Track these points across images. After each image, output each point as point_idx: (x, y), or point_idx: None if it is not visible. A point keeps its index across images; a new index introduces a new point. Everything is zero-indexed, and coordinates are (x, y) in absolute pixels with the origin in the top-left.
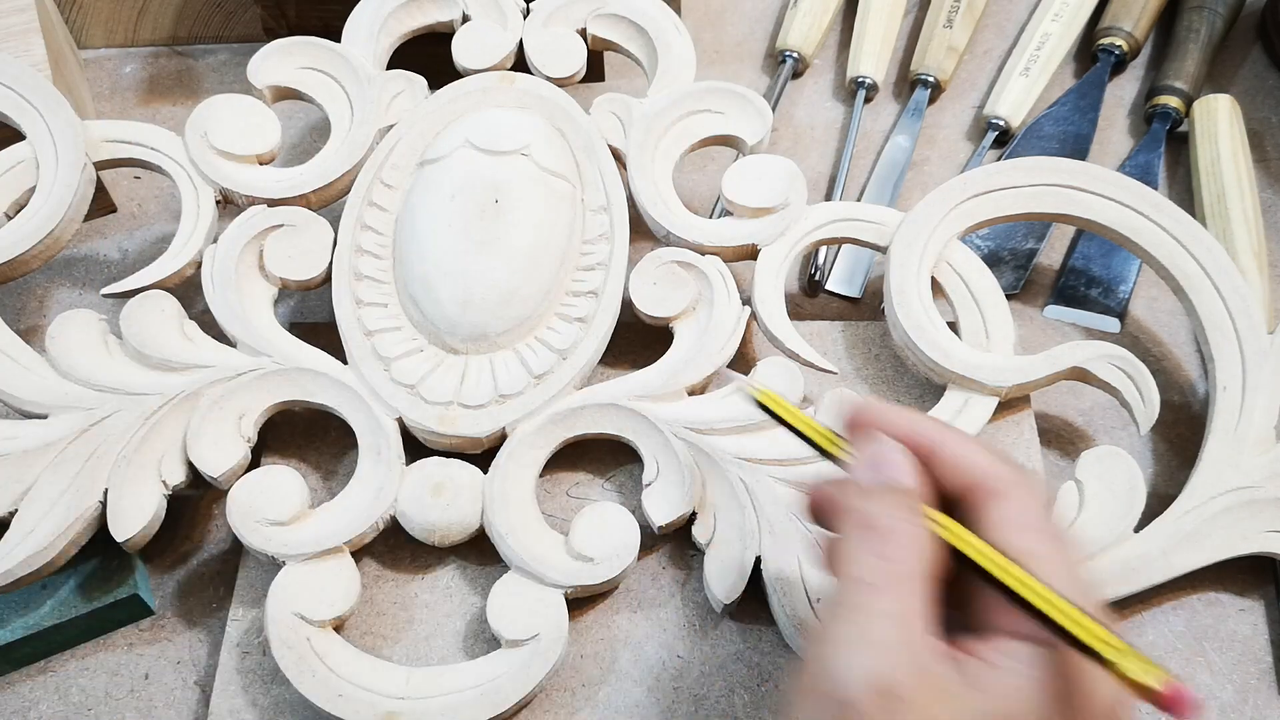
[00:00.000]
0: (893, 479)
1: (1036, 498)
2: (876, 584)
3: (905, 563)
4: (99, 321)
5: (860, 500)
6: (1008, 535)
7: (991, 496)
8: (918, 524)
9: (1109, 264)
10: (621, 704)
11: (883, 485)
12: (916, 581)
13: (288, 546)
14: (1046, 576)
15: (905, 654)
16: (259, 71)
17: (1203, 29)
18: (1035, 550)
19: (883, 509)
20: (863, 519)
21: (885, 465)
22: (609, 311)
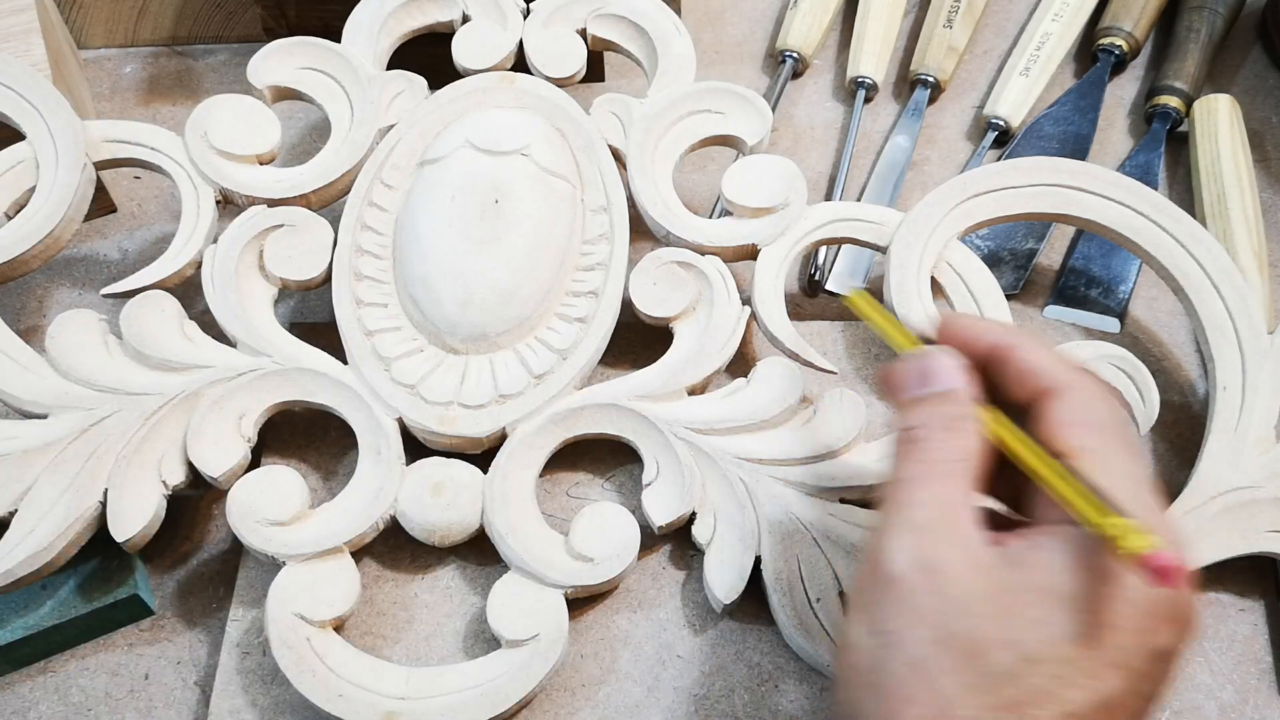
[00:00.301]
0: (935, 387)
1: (1093, 396)
2: (914, 479)
3: (942, 461)
4: (99, 321)
5: (904, 413)
6: (1058, 430)
7: (1049, 395)
8: (955, 425)
9: (1109, 264)
10: (621, 704)
11: (924, 395)
12: (955, 475)
13: (288, 546)
14: (1090, 468)
15: (945, 533)
16: (259, 71)
17: (1203, 29)
18: (1084, 444)
19: (921, 418)
20: (904, 431)
21: (928, 375)
22: (609, 311)
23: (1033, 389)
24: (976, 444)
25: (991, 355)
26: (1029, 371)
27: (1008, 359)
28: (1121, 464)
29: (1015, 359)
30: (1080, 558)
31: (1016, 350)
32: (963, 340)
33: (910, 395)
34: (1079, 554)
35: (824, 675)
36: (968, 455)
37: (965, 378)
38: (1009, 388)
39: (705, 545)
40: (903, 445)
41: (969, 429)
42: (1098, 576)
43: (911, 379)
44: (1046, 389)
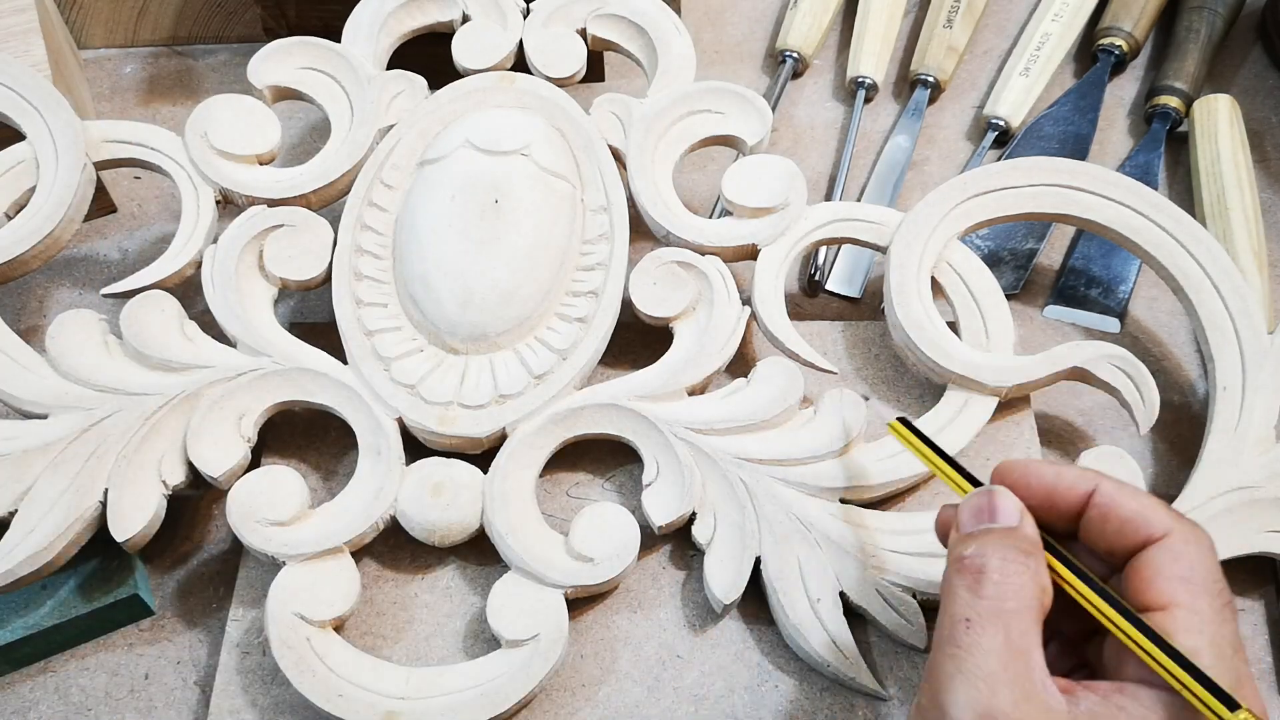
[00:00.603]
0: (998, 523)
1: (1197, 547)
2: (975, 620)
3: (1005, 599)
4: (99, 321)
5: (961, 544)
6: (1152, 581)
7: (1147, 543)
8: (1023, 561)
9: (1109, 264)
10: (621, 704)
11: (982, 529)
12: (1020, 616)
13: (288, 546)
14: (1183, 628)
15: (1008, 685)
16: (259, 71)
17: (1203, 29)
18: (1177, 599)
19: (979, 549)
20: (959, 560)
21: (988, 510)
22: (609, 311)
23: (1127, 538)
24: (1044, 585)
25: (1078, 503)
26: (1121, 519)
27: (1094, 505)
28: (1219, 628)
29: (1102, 505)
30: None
31: (1103, 496)
32: (1038, 488)
33: (971, 529)
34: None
35: (823, 675)
36: (1038, 595)
37: (1029, 518)
38: (1098, 538)
39: (705, 545)
40: (964, 577)
41: (1038, 567)
42: None
43: (971, 514)
44: (1143, 538)
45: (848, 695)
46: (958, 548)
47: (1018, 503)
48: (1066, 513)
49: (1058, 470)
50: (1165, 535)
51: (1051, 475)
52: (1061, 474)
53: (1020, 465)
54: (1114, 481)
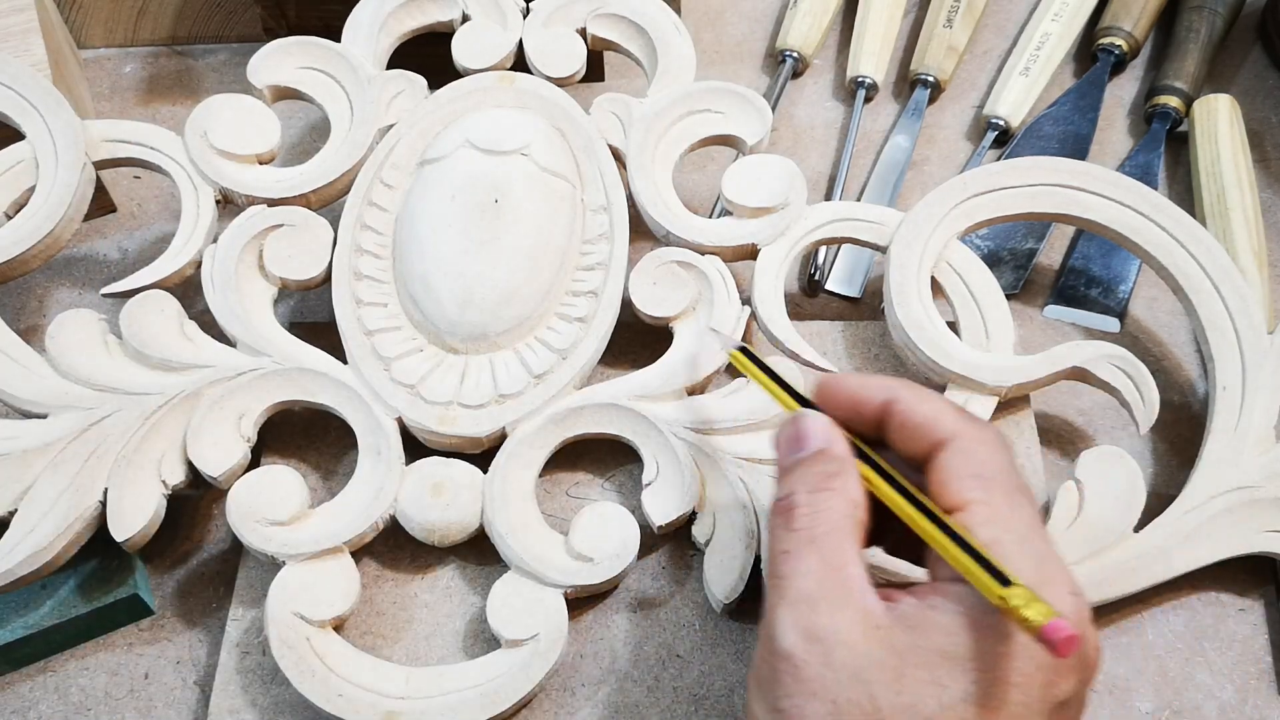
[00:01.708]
0: (806, 450)
1: (982, 444)
2: (790, 550)
3: (816, 526)
4: (99, 321)
5: (779, 482)
6: (947, 484)
7: (939, 446)
8: (827, 484)
9: (1109, 264)
10: (621, 704)
11: (797, 459)
12: (834, 536)
13: (288, 546)
14: (982, 521)
15: (830, 601)
16: (259, 71)
17: (1203, 29)
18: (974, 496)
19: (789, 486)
20: (775, 502)
21: (800, 438)
22: (609, 311)
23: (922, 443)
24: (854, 500)
25: (867, 408)
26: (914, 425)
27: (892, 413)
28: (1015, 515)
29: (899, 413)
30: (975, 616)
31: (899, 404)
32: (844, 401)
33: (785, 462)
34: (974, 612)
35: None
36: (846, 514)
37: (836, 434)
38: (900, 444)
39: (705, 545)
40: (778, 516)
41: (845, 485)
42: (993, 635)
43: (785, 445)
44: (935, 441)
45: None
46: (777, 488)
47: (824, 423)
48: (872, 421)
49: (861, 380)
50: (954, 437)
51: (856, 385)
52: (865, 384)
53: (831, 379)
54: (912, 389)
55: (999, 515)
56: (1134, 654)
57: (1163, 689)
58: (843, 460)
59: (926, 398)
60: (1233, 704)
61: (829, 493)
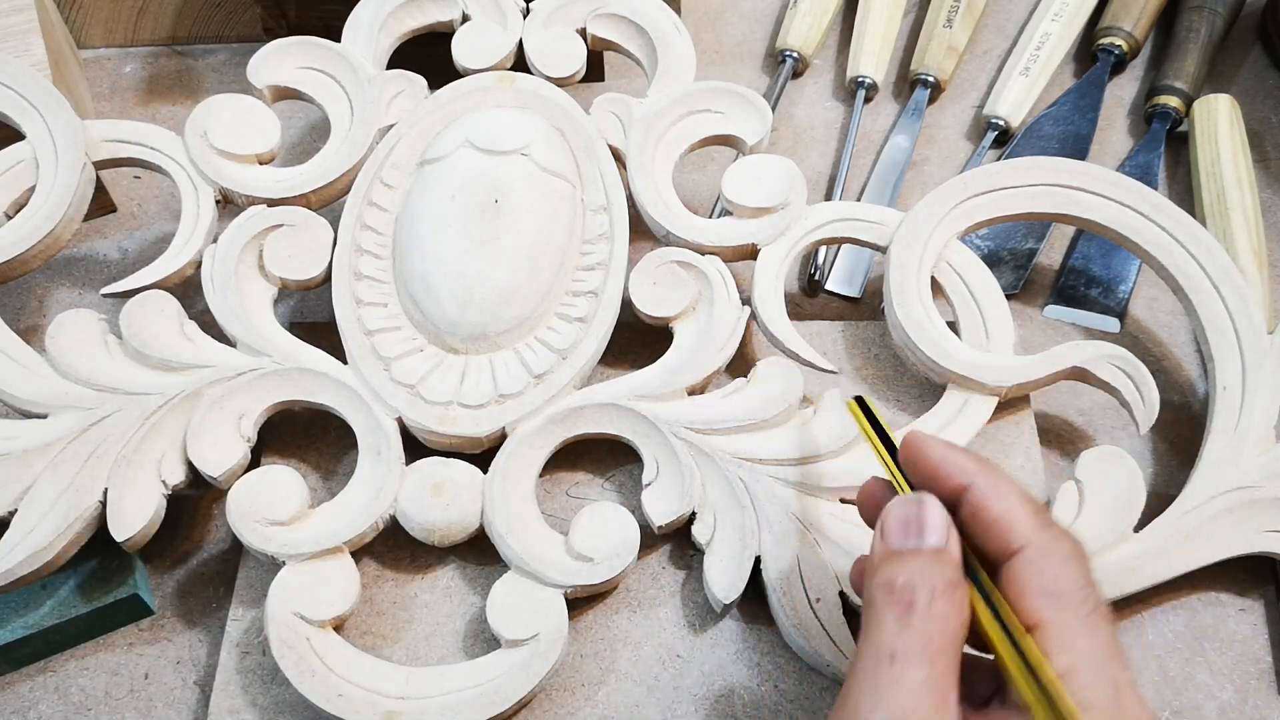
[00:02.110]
0: (926, 542)
1: (1058, 557)
2: (899, 654)
3: (931, 637)
4: (99, 321)
5: (888, 564)
6: (1019, 597)
7: (1011, 553)
8: (950, 594)
9: (1109, 264)
10: (621, 704)
11: (913, 548)
12: (944, 655)
13: (288, 546)
14: (1054, 646)
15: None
16: (259, 71)
17: (1203, 29)
18: (1043, 616)
19: (912, 575)
20: (889, 584)
21: (916, 524)
22: (609, 311)
23: (993, 542)
24: (966, 620)
25: (955, 493)
26: (987, 522)
27: (965, 501)
28: (1090, 640)
29: (973, 503)
30: None
31: (975, 493)
32: (925, 468)
33: (898, 545)
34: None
35: (824, 675)
36: (958, 634)
37: (955, 536)
38: (971, 535)
39: (705, 545)
40: (893, 607)
41: (963, 601)
42: None
43: (899, 526)
44: (1006, 546)
45: None
46: (886, 568)
47: (946, 518)
48: (946, 497)
49: (944, 453)
50: (1023, 547)
51: (939, 456)
52: (946, 458)
53: (917, 441)
54: (989, 478)
55: (1074, 640)
56: (1134, 654)
57: (1163, 689)
58: (959, 569)
59: (1002, 493)
60: (1233, 704)
61: (950, 605)
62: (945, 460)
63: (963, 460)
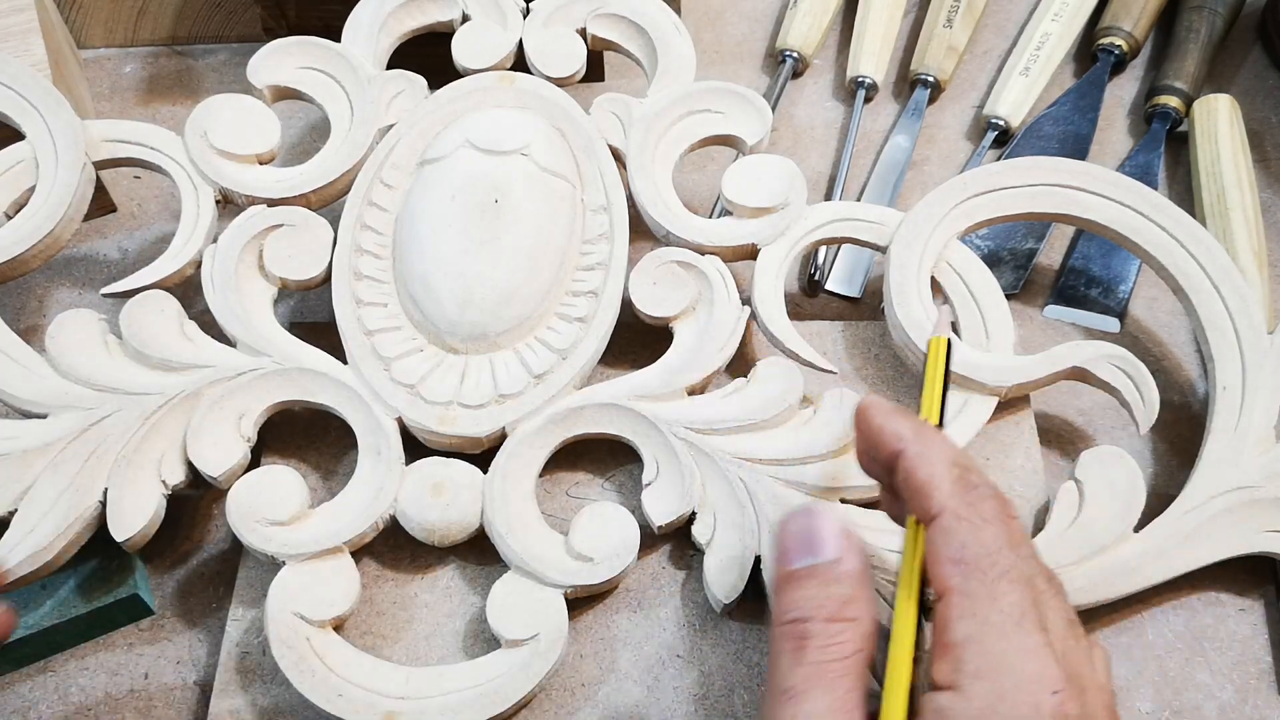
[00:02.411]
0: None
1: (967, 524)
2: (795, 689)
3: (827, 668)
4: (99, 321)
5: (783, 595)
6: (931, 566)
7: (930, 520)
8: (844, 612)
9: (1109, 264)
10: (621, 704)
11: (807, 568)
12: (845, 678)
13: (287, 546)
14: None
15: None
16: (259, 71)
17: (1203, 29)
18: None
19: (804, 606)
20: (781, 621)
21: (810, 541)
22: (609, 311)
23: (918, 511)
24: (870, 632)
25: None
26: (912, 490)
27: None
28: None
29: (902, 470)
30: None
31: (904, 460)
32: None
33: (793, 566)
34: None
35: None
36: (860, 649)
37: (854, 542)
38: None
39: (705, 545)
40: (787, 640)
41: (863, 614)
42: None
43: (794, 543)
44: (926, 514)
45: None
46: (781, 600)
47: (838, 525)
48: (885, 466)
49: (883, 419)
50: (939, 513)
51: (879, 423)
52: (884, 425)
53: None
54: (920, 444)
55: (976, 608)
56: (1134, 654)
57: (1163, 689)
58: (859, 579)
59: (929, 458)
60: (1233, 704)
61: (845, 625)
62: (883, 428)
63: (898, 426)
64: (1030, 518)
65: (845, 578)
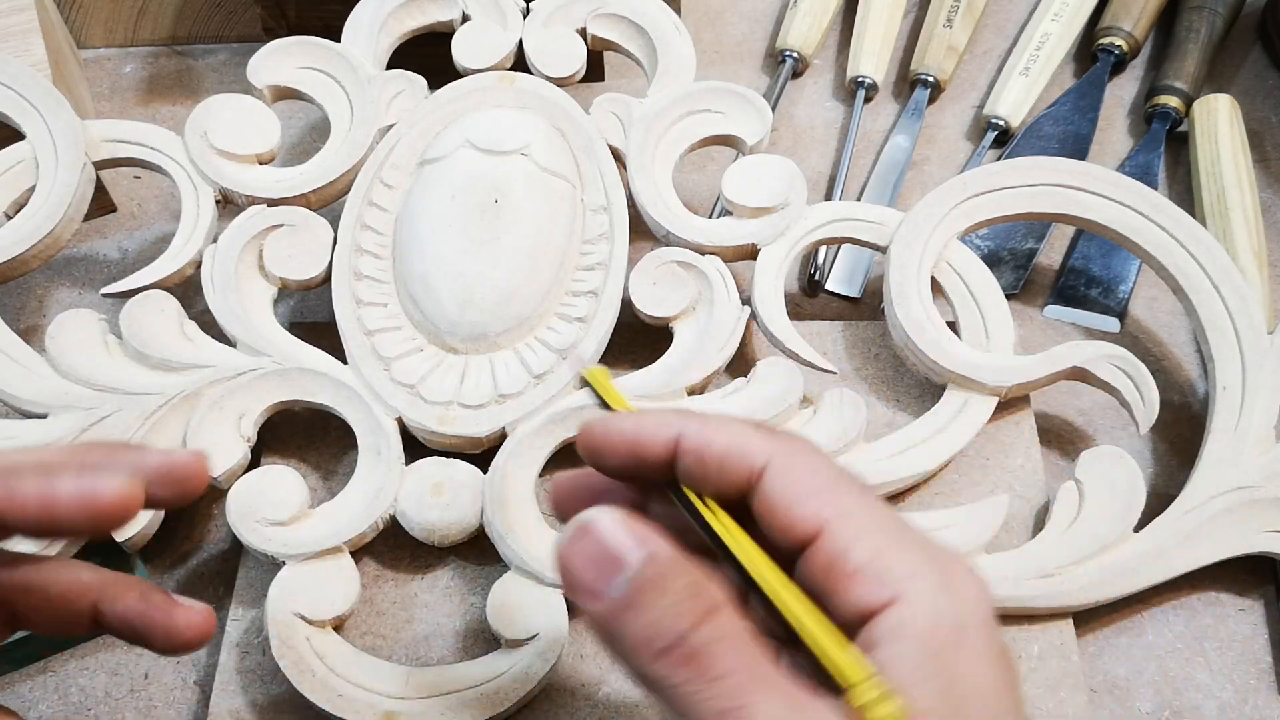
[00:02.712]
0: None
1: (804, 455)
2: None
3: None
4: (99, 321)
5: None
6: (789, 511)
7: (756, 476)
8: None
9: (1109, 264)
10: (621, 704)
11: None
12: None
13: (287, 546)
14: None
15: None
16: (259, 71)
17: (1203, 29)
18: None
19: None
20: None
21: (608, 557)
22: (609, 311)
23: (732, 477)
24: (726, 594)
25: (667, 454)
26: (716, 460)
27: (683, 452)
28: (878, 515)
29: (692, 450)
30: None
31: (688, 439)
32: (622, 451)
33: (611, 598)
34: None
35: None
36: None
37: (638, 528)
38: (709, 481)
39: None
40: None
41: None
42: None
43: (591, 571)
44: (748, 472)
45: None
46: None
47: (623, 522)
48: (659, 464)
49: (636, 420)
50: (767, 462)
51: (631, 427)
52: (641, 423)
53: (599, 426)
54: (698, 419)
55: (867, 522)
56: (1134, 654)
57: (1163, 689)
58: (676, 559)
59: (720, 424)
60: (1233, 704)
61: (715, 614)
62: (640, 426)
63: (658, 416)
64: (1030, 518)
65: (670, 568)
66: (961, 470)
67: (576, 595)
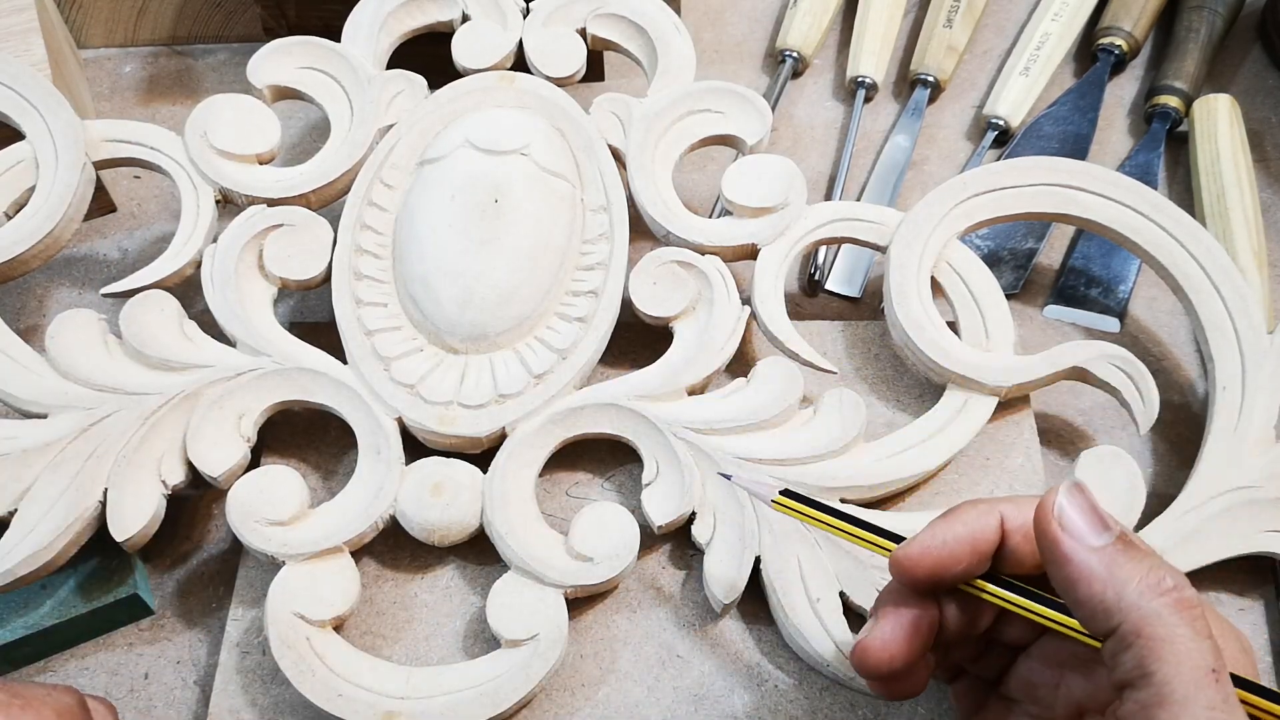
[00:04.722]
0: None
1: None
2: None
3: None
4: (99, 321)
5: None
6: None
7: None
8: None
9: (1109, 264)
10: (621, 704)
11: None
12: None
13: (287, 546)
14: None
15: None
16: (259, 71)
17: (1203, 29)
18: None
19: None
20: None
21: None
22: (609, 311)
23: (1101, 627)
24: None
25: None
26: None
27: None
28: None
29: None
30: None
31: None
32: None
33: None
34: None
35: (824, 675)
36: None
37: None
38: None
39: (705, 545)
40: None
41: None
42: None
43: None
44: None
45: (848, 695)
46: (1134, 570)
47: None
48: (988, 551)
49: (963, 519)
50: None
51: (963, 529)
52: (967, 520)
53: (921, 543)
54: (1008, 503)
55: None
56: None
57: None
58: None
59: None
60: None
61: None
62: (967, 520)
63: (974, 509)
64: None
65: (1146, 551)
66: (961, 470)
67: (1071, 528)
